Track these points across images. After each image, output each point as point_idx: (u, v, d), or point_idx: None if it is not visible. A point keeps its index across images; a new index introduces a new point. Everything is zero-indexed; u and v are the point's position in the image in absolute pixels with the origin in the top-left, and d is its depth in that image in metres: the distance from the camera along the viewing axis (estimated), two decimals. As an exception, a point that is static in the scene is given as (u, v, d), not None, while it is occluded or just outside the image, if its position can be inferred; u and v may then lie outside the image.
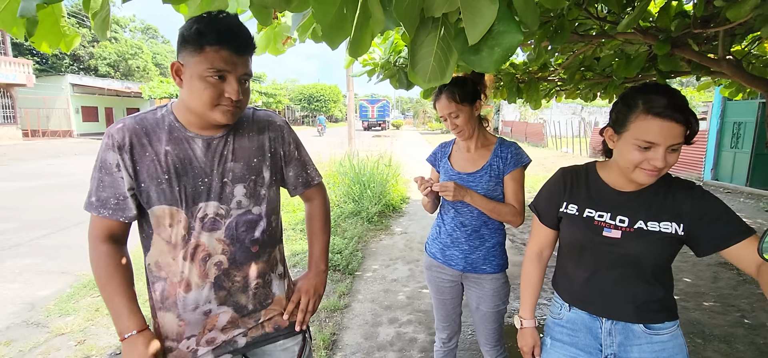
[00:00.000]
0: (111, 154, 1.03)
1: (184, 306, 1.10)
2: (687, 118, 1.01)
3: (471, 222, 1.72)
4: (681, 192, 1.13)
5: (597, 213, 1.19)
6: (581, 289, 1.25)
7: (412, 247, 4.91)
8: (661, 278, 1.17)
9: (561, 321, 1.30)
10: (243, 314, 1.17)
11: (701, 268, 4.19)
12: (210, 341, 1.14)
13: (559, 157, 15.97)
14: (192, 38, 0.98)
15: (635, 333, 1.18)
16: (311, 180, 1.31)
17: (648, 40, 2.38)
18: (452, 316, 1.90)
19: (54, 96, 26.21)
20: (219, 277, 1.12)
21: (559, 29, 2.11)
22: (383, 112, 41.40)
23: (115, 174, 1.04)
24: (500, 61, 0.82)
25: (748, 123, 8.88)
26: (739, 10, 1.64)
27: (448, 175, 1.78)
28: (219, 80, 1.01)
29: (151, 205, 1.06)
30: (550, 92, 4.27)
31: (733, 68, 2.71)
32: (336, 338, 2.88)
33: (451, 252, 1.76)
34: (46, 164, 12.63)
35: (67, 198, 7.56)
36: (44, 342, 2.79)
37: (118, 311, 1.05)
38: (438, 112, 1.74)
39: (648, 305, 1.16)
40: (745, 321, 3.11)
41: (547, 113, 27.60)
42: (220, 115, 1.05)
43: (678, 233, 1.10)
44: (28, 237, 5.16)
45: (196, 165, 1.08)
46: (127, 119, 1.07)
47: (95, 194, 1.06)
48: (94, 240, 1.08)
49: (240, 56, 1.02)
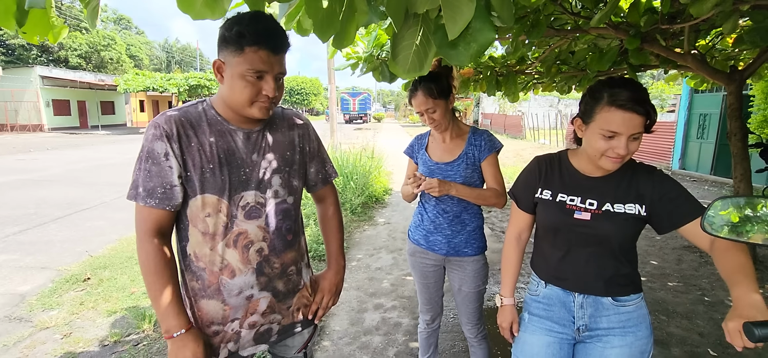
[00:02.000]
0: (159, 143, 1.06)
1: (229, 292, 1.15)
2: (647, 110, 1.12)
3: (452, 208, 1.81)
4: (643, 176, 1.25)
5: (569, 197, 1.30)
6: (556, 267, 1.35)
7: (395, 236, 5.01)
8: (627, 255, 1.29)
9: (538, 297, 1.40)
10: (279, 299, 1.24)
11: (667, 251, 4.43)
12: (252, 324, 1.21)
13: (536, 148, 16.34)
14: (232, 39, 1.04)
15: (604, 306, 1.29)
16: (329, 177, 1.39)
17: (619, 34, 2.51)
18: (435, 299, 2.01)
19: (22, 89, 25.17)
20: (260, 263, 1.18)
21: (536, 24, 2.22)
22: (365, 105, 41.31)
23: (163, 163, 1.07)
24: (475, 56, 0.90)
25: (713, 115, 9.31)
26: (701, 6, 1.77)
27: (426, 165, 1.85)
28: (257, 79, 1.07)
29: (197, 193, 1.11)
30: (528, 85, 4.41)
31: (697, 62, 2.89)
32: (323, 325, 2.96)
33: (434, 238, 1.85)
34: (17, 159, 12.20)
35: (41, 193, 7.36)
36: (29, 336, 2.77)
37: (165, 309, 1.07)
38: (414, 107, 1.79)
39: (615, 279, 1.27)
40: (705, 299, 3.33)
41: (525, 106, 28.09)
42: (257, 111, 1.11)
43: (641, 213, 1.21)
44: (3, 233, 5.03)
45: (238, 156, 1.14)
46: (171, 111, 1.12)
47: (142, 184, 1.07)
48: (143, 234, 1.09)
49: (276, 56, 1.08)
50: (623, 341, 1.26)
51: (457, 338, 2.75)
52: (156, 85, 24.11)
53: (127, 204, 6.68)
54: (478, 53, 0.92)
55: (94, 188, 8.01)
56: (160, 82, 24.23)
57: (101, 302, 3.23)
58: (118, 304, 3.19)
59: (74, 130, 27.18)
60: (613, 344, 1.27)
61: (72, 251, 4.46)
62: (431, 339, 2.10)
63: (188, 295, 1.18)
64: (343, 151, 7.74)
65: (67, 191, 7.67)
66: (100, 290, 3.44)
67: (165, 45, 64.62)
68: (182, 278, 1.19)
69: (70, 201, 6.79)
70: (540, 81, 4.23)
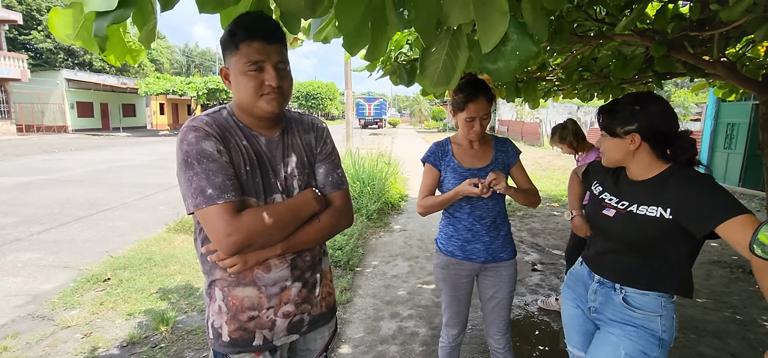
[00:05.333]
0: (207, 142, 1.06)
1: (265, 283, 1.18)
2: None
3: (488, 214, 1.81)
4: (676, 179, 1.26)
5: (608, 196, 1.45)
6: (589, 249, 1.56)
7: (411, 244, 4.97)
8: (657, 254, 1.32)
9: (573, 271, 1.64)
10: (308, 289, 1.28)
11: (694, 266, 4.27)
12: (286, 314, 1.23)
13: (554, 156, 16.09)
14: (227, 41, 1.09)
15: (614, 302, 1.40)
16: (341, 183, 1.33)
17: (645, 41, 2.44)
18: (464, 311, 1.96)
19: (49, 91, 26.02)
20: (294, 259, 1.22)
21: (559, 30, 2.17)
22: (380, 110, 41.38)
23: (219, 159, 1.06)
24: (517, 70, 0.88)
25: (742, 124, 9.01)
26: (732, 12, 1.71)
27: (457, 172, 1.81)
28: (257, 72, 1.09)
29: (240, 195, 1.11)
30: (549, 92, 4.33)
31: (727, 70, 2.79)
32: (339, 332, 2.93)
33: (472, 247, 1.82)
34: (42, 159, 12.58)
35: (66, 193, 7.56)
36: (51, 335, 2.83)
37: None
38: (467, 112, 1.71)
39: (630, 272, 1.37)
40: (736, 318, 3.19)
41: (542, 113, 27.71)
42: (266, 104, 1.12)
43: (664, 216, 1.24)
44: (28, 232, 5.17)
45: (265, 159, 1.17)
46: (201, 116, 1.13)
47: (210, 186, 1.03)
48: (233, 232, 1.04)
49: (271, 45, 1.09)
50: (622, 332, 1.36)
51: (476, 350, 2.70)
52: (176, 89, 24.65)
53: (146, 205, 6.81)
54: (520, 67, 0.91)
55: (115, 188, 8.19)
56: (179, 85, 24.76)
57: (121, 303, 3.27)
58: (137, 305, 3.23)
59: (96, 131, 27.95)
60: (614, 331, 1.39)
61: (93, 250, 4.55)
62: (454, 354, 2.04)
63: (219, 287, 1.18)
64: (360, 156, 7.74)
65: (89, 191, 7.86)
66: (120, 290, 3.49)
67: (185, 49, 66.04)
68: (209, 273, 1.19)
69: (93, 201, 6.95)
70: (561, 88, 4.15)
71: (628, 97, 1.34)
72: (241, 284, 1.17)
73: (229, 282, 1.17)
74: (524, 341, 2.80)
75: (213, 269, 1.18)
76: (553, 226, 5.82)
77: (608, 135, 1.36)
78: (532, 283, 3.82)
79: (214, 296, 1.19)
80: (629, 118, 1.29)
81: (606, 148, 1.39)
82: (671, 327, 1.33)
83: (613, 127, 1.34)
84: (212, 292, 1.20)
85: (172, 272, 3.92)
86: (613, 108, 1.34)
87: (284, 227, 1.13)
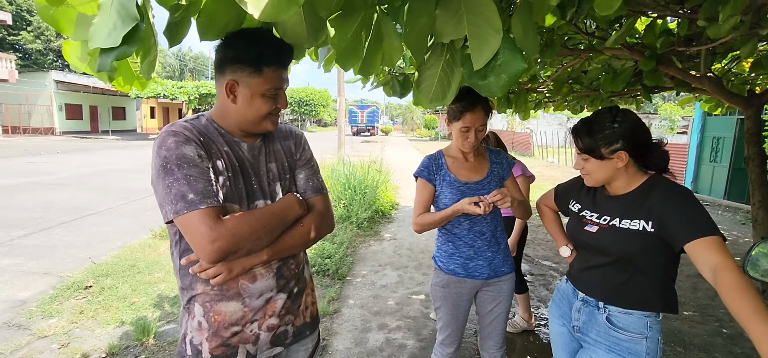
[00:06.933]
0: (188, 147, 1.03)
1: (250, 295, 1.14)
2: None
3: (488, 229, 1.77)
4: (659, 193, 1.26)
5: (589, 213, 1.43)
6: (573, 267, 1.54)
7: (400, 253, 4.94)
8: (642, 269, 1.30)
9: (558, 287, 1.61)
10: (292, 299, 1.25)
11: (681, 278, 4.31)
12: (270, 327, 1.19)
13: (545, 166, 16.22)
14: (251, 60, 1.07)
15: (598, 321, 1.38)
16: (321, 188, 1.32)
17: (634, 55, 2.46)
18: (462, 329, 1.90)
19: (37, 92, 25.61)
20: (280, 267, 1.20)
21: (549, 43, 2.18)
22: (373, 117, 41.49)
23: (201, 164, 1.03)
24: (506, 87, 0.87)
25: (727, 138, 9.16)
26: (719, 29, 1.73)
27: (454, 187, 1.74)
28: (274, 96, 1.13)
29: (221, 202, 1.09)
30: (539, 103, 4.36)
31: (714, 85, 2.82)
32: (326, 343, 2.88)
33: (474, 264, 1.77)
34: (28, 162, 12.33)
35: (50, 197, 7.40)
36: (26, 345, 2.73)
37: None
38: (463, 122, 1.66)
39: (617, 289, 1.34)
40: (723, 331, 3.21)
41: (533, 123, 27.97)
42: (270, 124, 1.16)
43: (647, 229, 1.24)
44: (8, 237, 5.04)
45: (247, 166, 1.16)
46: (180, 121, 1.10)
47: (191, 191, 0.99)
48: (217, 240, 1.00)
49: (286, 69, 1.14)
50: (607, 357, 1.34)
51: (463, 362, 2.67)
52: (167, 93, 24.43)
53: (133, 210, 6.69)
54: (509, 84, 0.90)
55: (101, 193, 8.04)
56: (170, 89, 24.54)
57: (101, 312, 3.19)
58: (118, 314, 3.15)
59: (85, 134, 27.54)
60: (598, 354, 1.36)
61: (75, 256, 4.44)
62: None
63: (200, 302, 1.13)
64: (352, 164, 7.71)
65: (75, 195, 7.71)
66: (101, 298, 3.40)
67: (178, 53, 65.67)
68: (188, 288, 1.14)
69: (78, 206, 6.82)
70: (551, 99, 4.18)
71: (602, 114, 1.30)
72: (224, 297, 1.13)
73: (212, 297, 1.13)
74: (513, 354, 2.77)
75: (194, 282, 1.13)
76: (542, 236, 5.83)
77: (592, 157, 1.32)
78: (521, 294, 3.80)
79: (194, 312, 1.14)
80: (612, 136, 1.27)
81: (591, 170, 1.35)
82: (656, 349, 1.30)
83: (599, 148, 1.29)
84: (191, 307, 1.15)
85: (156, 279, 3.83)
86: (592, 128, 1.30)
87: (270, 231, 1.10)
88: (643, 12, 2.13)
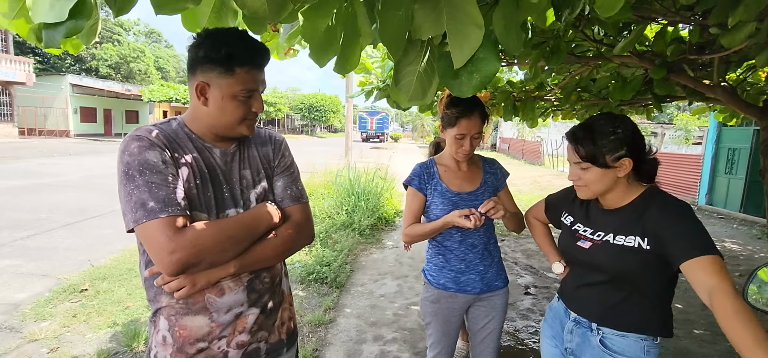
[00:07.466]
0: (151, 153, 0.98)
1: (217, 309, 1.07)
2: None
3: (480, 241, 1.68)
4: (655, 209, 1.17)
5: (582, 227, 1.35)
6: (566, 284, 1.46)
7: (402, 262, 4.84)
8: (639, 289, 1.21)
9: (551, 307, 1.53)
10: (266, 315, 1.17)
11: (691, 295, 4.13)
12: (240, 344, 1.12)
13: (555, 175, 15.98)
14: (222, 60, 1.01)
15: (591, 344, 1.28)
16: (300, 196, 1.23)
17: (644, 63, 2.36)
18: (454, 346, 1.81)
19: (53, 95, 26.18)
20: (251, 280, 1.12)
21: (556, 50, 2.08)
22: (382, 124, 41.56)
23: (164, 171, 0.98)
24: (478, 87, 0.80)
25: (743, 149, 8.90)
26: (733, 37, 1.62)
27: (445, 197, 1.66)
28: (248, 99, 1.06)
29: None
30: (547, 111, 4.25)
31: (728, 95, 2.69)
32: (318, 355, 2.80)
33: (466, 278, 1.68)
34: (39, 163, 12.53)
35: (56, 198, 7.46)
36: (16, 348, 2.69)
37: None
38: (457, 129, 1.57)
39: (613, 309, 1.25)
40: (734, 352, 3.04)
41: (544, 131, 27.72)
42: (246, 129, 1.10)
43: (642, 246, 1.16)
44: (11, 237, 5.06)
45: (219, 173, 1.10)
46: (147, 126, 1.04)
47: (152, 199, 0.94)
48: (176, 249, 0.93)
49: (261, 71, 1.08)
50: None
51: (459, 380, 2.55)
52: (179, 97, 24.79)
53: (137, 213, 6.69)
54: (481, 84, 0.82)
55: (108, 195, 8.08)
56: (183, 93, 24.92)
57: (94, 316, 3.14)
58: (111, 318, 3.10)
59: (99, 137, 28.04)
60: None
61: (75, 259, 4.43)
62: None
63: (165, 316, 1.07)
64: (357, 170, 7.64)
65: (82, 197, 7.76)
66: (96, 302, 3.36)
67: (191, 58, 66.74)
68: (154, 300, 1.08)
69: (83, 208, 6.85)
70: (560, 108, 4.07)
71: (601, 120, 1.21)
72: (190, 311, 1.06)
73: (177, 310, 1.06)
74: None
75: (158, 295, 1.07)
76: (549, 248, 5.68)
77: (594, 166, 1.21)
78: (523, 307, 3.67)
79: (159, 325, 1.08)
80: (617, 143, 1.17)
81: (590, 180, 1.23)
82: None
83: (603, 156, 1.18)
84: (157, 320, 1.09)
85: (153, 284, 3.78)
86: (594, 135, 1.20)
87: (236, 243, 1.03)
88: (652, 18, 2.04)
